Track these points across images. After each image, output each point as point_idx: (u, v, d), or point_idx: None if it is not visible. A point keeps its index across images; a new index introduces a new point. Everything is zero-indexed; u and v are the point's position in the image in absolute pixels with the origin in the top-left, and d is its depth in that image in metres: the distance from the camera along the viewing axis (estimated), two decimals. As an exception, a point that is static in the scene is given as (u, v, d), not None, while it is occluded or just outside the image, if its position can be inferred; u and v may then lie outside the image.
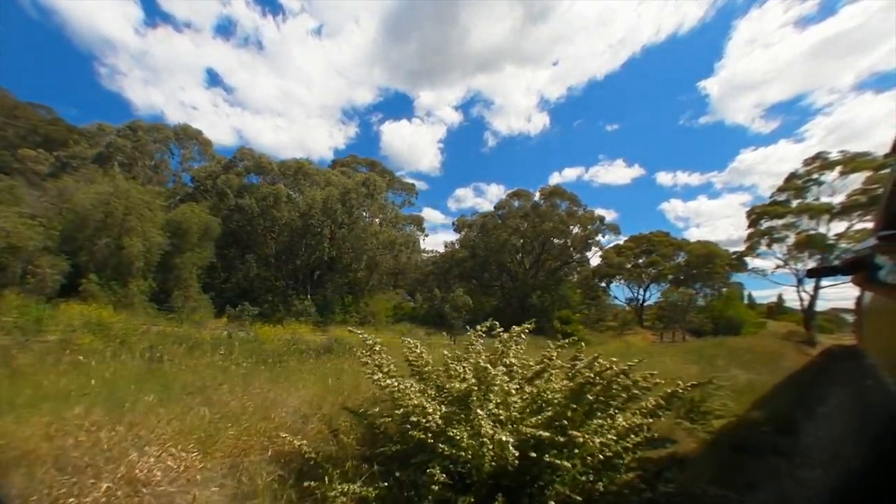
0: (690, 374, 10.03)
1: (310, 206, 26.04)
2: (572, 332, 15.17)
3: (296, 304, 26.88)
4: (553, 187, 39.81)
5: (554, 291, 38.92)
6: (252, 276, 28.07)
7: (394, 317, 43.87)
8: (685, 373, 10.02)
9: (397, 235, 28.23)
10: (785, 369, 15.74)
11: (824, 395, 11.38)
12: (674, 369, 10.26)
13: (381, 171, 46.25)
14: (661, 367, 10.54)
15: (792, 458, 6.42)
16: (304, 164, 30.50)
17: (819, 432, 7.30)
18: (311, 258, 27.82)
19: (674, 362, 11.65)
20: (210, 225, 23.22)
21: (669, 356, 12.63)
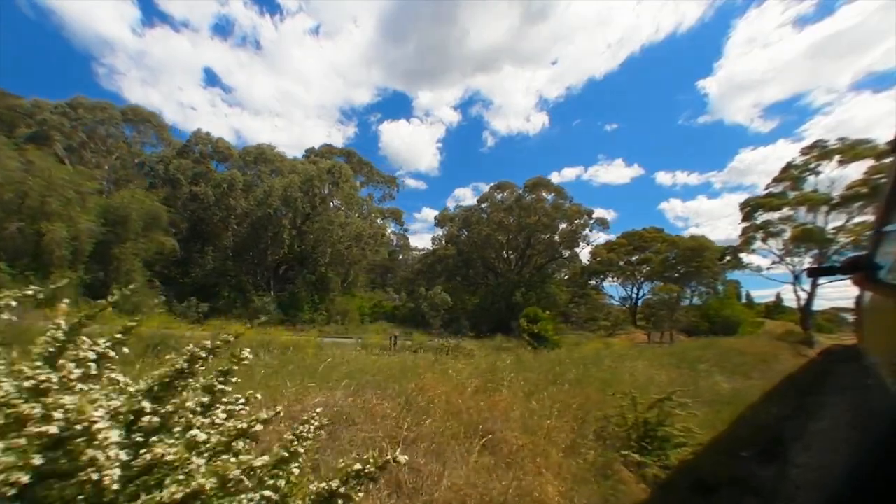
0: (661, 382, 8.63)
1: (267, 194, 24.42)
2: (540, 333, 13.78)
3: (254, 301, 25.26)
4: (538, 178, 38.45)
5: (539, 289, 37.55)
6: (209, 271, 26.43)
7: (371, 316, 42.49)
8: (656, 381, 8.63)
9: (365, 227, 26.64)
10: (778, 373, 14.41)
11: (820, 406, 9.92)
12: (644, 377, 8.89)
13: (359, 161, 44.59)
14: (631, 373, 9.14)
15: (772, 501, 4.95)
16: (265, 149, 28.80)
17: (810, 458, 5.96)
18: (276, 251, 26.21)
19: (648, 368, 10.26)
20: (157, 213, 21.56)
21: (646, 360, 11.24)
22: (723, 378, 11.61)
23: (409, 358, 8.06)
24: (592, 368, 8.91)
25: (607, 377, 8.11)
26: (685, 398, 8.17)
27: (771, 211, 27.54)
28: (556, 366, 8.01)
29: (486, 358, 9.45)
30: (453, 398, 4.55)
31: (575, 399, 5.84)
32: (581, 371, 7.98)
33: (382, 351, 10.64)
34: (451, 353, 9.71)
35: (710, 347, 16.23)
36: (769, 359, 15.72)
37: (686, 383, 9.05)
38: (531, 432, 4.30)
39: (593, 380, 7.37)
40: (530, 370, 7.30)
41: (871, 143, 23.77)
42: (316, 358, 6.50)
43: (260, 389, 3.72)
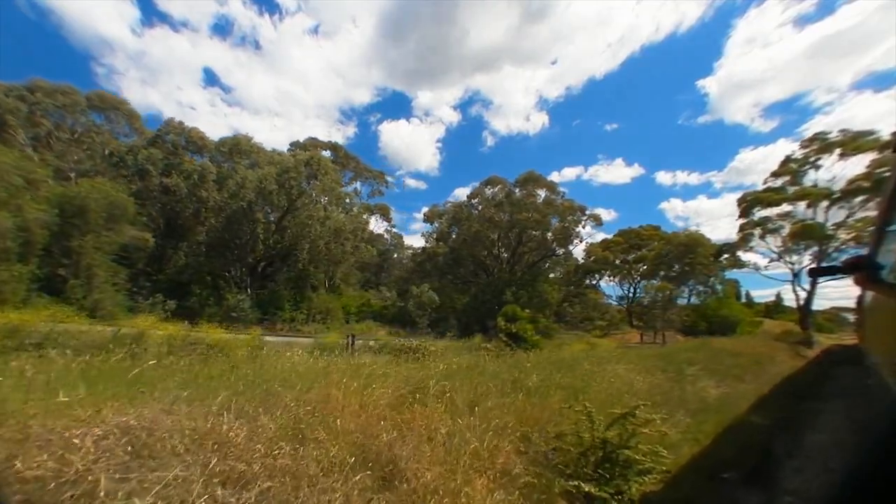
0: (640, 389, 7.82)
1: (240, 185, 23.43)
2: (517, 333, 12.97)
3: (228, 299, 24.32)
4: (529, 173, 37.55)
5: (531, 288, 36.71)
6: (181, 267, 25.41)
7: (358, 315, 41.63)
8: (635, 387, 7.82)
9: (345, 222, 25.63)
10: (773, 376, 13.65)
11: (817, 414, 9.16)
12: (623, 383, 8.09)
13: (345, 155, 43.68)
14: (609, 379, 8.32)
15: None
16: (241, 140, 27.73)
17: (804, 482, 5.17)
18: (254, 247, 25.23)
19: (629, 372, 9.45)
20: (123, 205, 20.55)
21: (630, 363, 10.42)
22: (712, 382, 10.84)
23: (353, 361, 7.18)
24: (566, 373, 8.09)
25: (578, 384, 7.30)
26: (667, 407, 7.40)
27: (769, 207, 26.83)
28: (520, 370, 7.16)
29: (446, 360, 8.61)
30: (359, 414, 3.68)
31: (529, 412, 5.02)
32: (548, 376, 7.14)
33: (340, 352, 9.79)
34: (413, 354, 8.89)
35: (701, 349, 15.47)
36: (764, 360, 14.98)
37: (669, 390, 8.26)
38: (453, 459, 3.44)
39: (560, 387, 6.54)
40: (487, 375, 6.45)
41: (873, 134, 23.09)
42: (229, 360, 5.65)
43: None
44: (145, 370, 4.00)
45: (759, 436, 6.82)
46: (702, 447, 6.18)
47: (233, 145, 27.45)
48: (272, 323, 29.66)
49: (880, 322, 3.57)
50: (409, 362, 8.42)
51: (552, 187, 38.09)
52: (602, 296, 53.54)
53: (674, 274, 44.38)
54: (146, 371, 4.00)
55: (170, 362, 5.13)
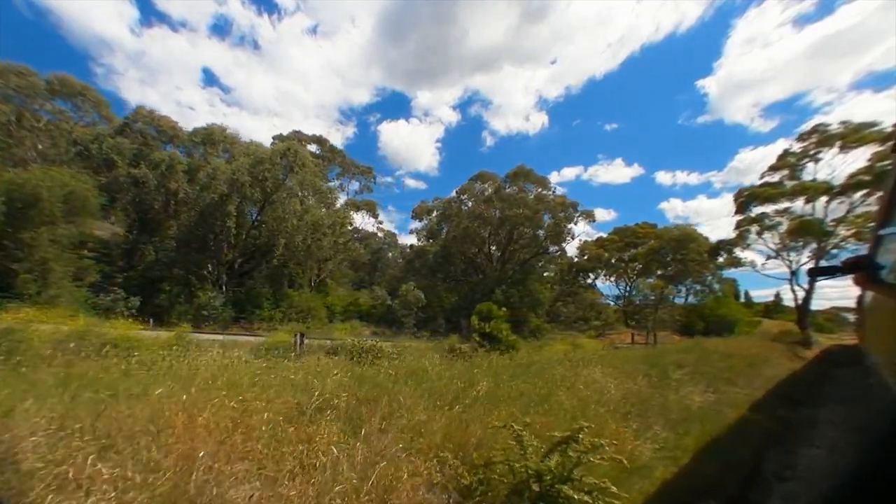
0: (614, 397, 6.99)
1: (211, 177, 22.39)
2: (491, 332, 12.12)
3: (199, 297, 23.35)
4: (519, 167, 36.70)
5: (522, 286, 35.88)
6: (151, 263, 24.39)
7: (344, 315, 40.75)
8: (607, 396, 6.99)
9: (322, 216, 24.62)
10: (768, 379, 12.82)
11: (813, 423, 8.27)
12: (595, 390, 7.26)
13: (331, 149, 42.63)
14: (580, 385, 7.50)
15: None
16: (215, 130, 26.63)
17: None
18: (229, 243, 24.20)
19: (607, 376, 8.62)
20: (83, 196, 19.48)
21: (610, 366, 9.59)
22: (700, 387, 10.04)
23: (288, 363, 6.32)
24: (531, 379, 7.25)
25: (542, 392, 6.46)
26: (644, 418, 6.57)
27: (766, 202, 26.07)
28: (472, 376, 6.32)
29: (398, 363, 7.76)
30: (198, 435, 2.80)
31: (460, 431, 4.15)
32: (505, 383, 6.30)
33: (286, 352, 8.91)
34: (366, 356, 8.04)
35: (692, 350, 14.67)
36: (759, 363, 14.21)
37: (649, 397, 7.42)
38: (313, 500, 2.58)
39: (513, 397, 5.70)
40: (428, 382, 5.60)
41: (876, 126, 22.33)
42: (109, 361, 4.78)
43: None
44: None
45: (746, 452, 6.02)
46: (679, 467, 5.35)
47: (206, 135, 26.33)
48: (249, 322, 28.73)
49: (880, 322, 3.55)
50: (362, 365, 7.58)
51: (544, 182, 37.27)
52: (598, 295, 52.93)
53: (670, 273, 43.73)
54: None
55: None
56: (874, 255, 3.52)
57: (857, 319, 14.80)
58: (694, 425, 6.85)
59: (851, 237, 23.35)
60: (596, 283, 51.38)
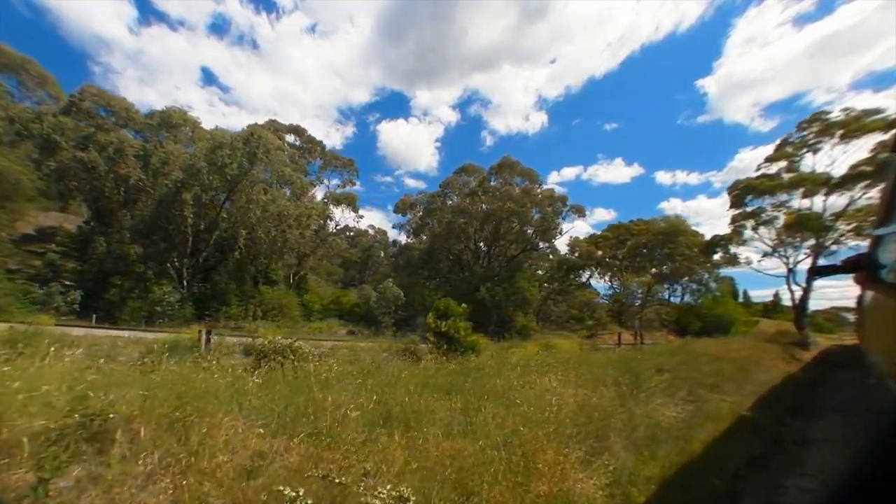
0: (568, 412, 5.88)
1: (163, 162, 20.99)
2: (447, 332, 10.98)
3: (154, 292, 22.05)
4: (504, 159, 35.55)
5: (508, 284, 34.78)
6: (101, 255, 22.95)
7: (322, 312, 39.60)
8: (557, 413, 5.88)
9: (289, 207, 23.29)
10: (759, 384, 11.74)
11: (807, 439, 7.26)
12: (545, 403, 6.15)
13: (309, 139, 41.22)
14: (530, 396, 6.40)
15: None
16: (173, 113, 25.05)
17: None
18: (189, 234, 22.83)
19: (568, 384, 7.53)
20: (14, 178, 18.00)
21: (576, 371, 8.47)
22: (681, 395, 8.98)
23: (157, 366, 5.15)
24: (470, 389, 6.14)
25: (472, 406, 5.35)
26: (601, 439, 5.48)
27: (763, 195, 25.10)
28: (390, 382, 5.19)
29: (320, 366, 6.62)
30: None
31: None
32: (417, 394, 5.18)
33: (186, 352, 7.72)
34: (276, 357, 6.90)
35: (677, 352, 13.65)
36: (750, 366, 13.19)
37: (611, 411, 6.30)
38: None
39: (426, 414, 4.58)
40: (310, 392, 4.46)
41: (880, 113, 21.37)
42: None
43: None
44: None
45: (722, 484, 4.96)
46: (636, 503, 4.32)
47: (163, 118, 24.77)
48: (215, 320, 27.47)
49: (880, 322, 3.64)
50: (260, 368, 6.42)
51: (531, 175, 36.09)
52: (594, 294, 52.07)
53: (666, 271, 42.85)
54: None
55: None
56: (874, 255, 3.57)
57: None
58: (663, 446, 5.78)
59: (851, 232, 22.46)
60: (590, 281, 50.57)
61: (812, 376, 14.56)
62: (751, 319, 42.98)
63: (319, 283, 54.80)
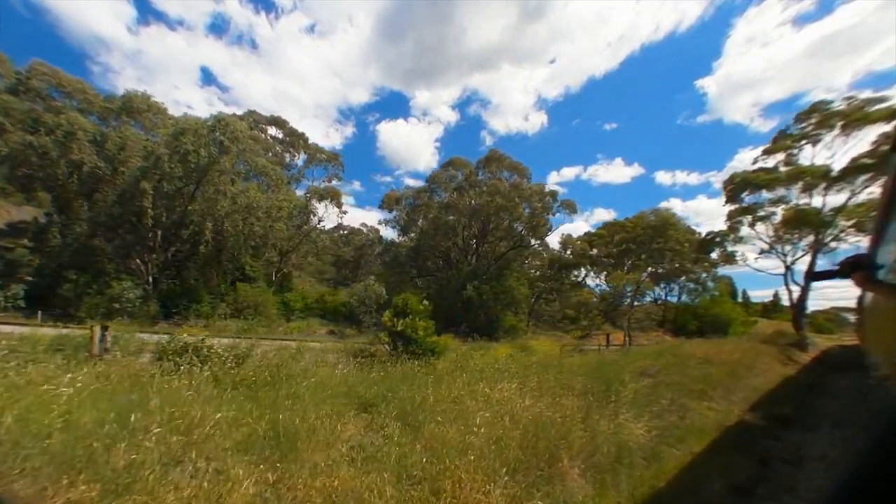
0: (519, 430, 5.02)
1: (119, 147, 19.84)
2: (403, 331, 10.08)
3: (113, 287, 20.99)
4: (491, 152, 34.74)
5: (496, 282, 33.90)
6: (56, 248, 21.77)
7: (305, 311, 38.61)
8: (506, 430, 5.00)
9: (258, 198, 22.24)
10: (752, 391, 10.97)
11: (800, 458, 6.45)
12: (495, 415, 5.30)
13: (291, 132, 40.08)
14: (476, 407, 5.54)
15: None
16: (134, 97, 23.76)
17: None
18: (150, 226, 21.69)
19: (528, 394, 6.68)
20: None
21: (543, 377, 7.59)
22: (662, 404, 8.16)
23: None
24: (394, 398, 5.26)
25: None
26: (549, 465, 4.61)
27: (760, 189, 24.34)
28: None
29: (232, 371, 5.72)
30: None
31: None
32: (327, 404, 4.29)
33: (77, 351, 6.77)
34: (179, 358, 5.99)
35: (664, 355, 12.83)
36: (742, 370, 12.42)
37: (570, 427, 5.44)
38: None
39: (333, 441, 3.70)
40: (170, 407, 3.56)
41: (884, 101, 20.61)
42: None
43: None
44: None
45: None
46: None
47: (124, 103, 23.48)
48: (184, 318, 26.45)
49: (880, 322, 3.69)
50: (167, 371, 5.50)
51: (520, 169, 35.18)
52: (590, 294, 51.38)
53: (660, 269, 42.17)
54: None
55: None
56: (874, 255, 3.66)
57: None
58: (628, 471, 4.93)
59: (852, 228, 21.75)
60: (586, 281, 49.87)
61: (809, 380, 13.83)
62: (749, 320, 42.57)
63: (308, 282, 53.89)
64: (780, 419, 8.22)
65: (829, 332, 50.63)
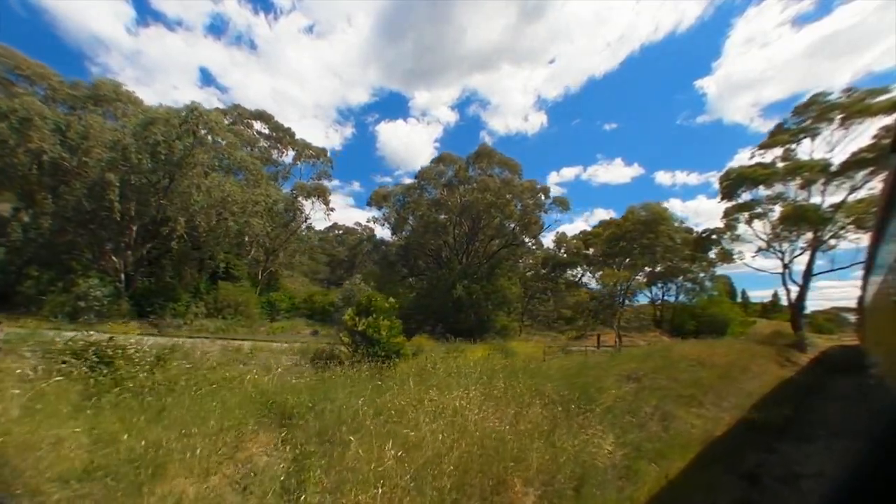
0: (466, 448, 4.34)
1: (82, 136, 18.93)
2: (365, 331, 9.37)
3: (79, 285, 20.14)
4: (481, 147, 34.03)
5: (486, 282, 33.20)
6: (20, 243, 20.86)
7: (290, 312, 37.91)
8: (444, 451, 4.32)
9: (234, 192, 21.32)
10: (744, 396, 10.54)
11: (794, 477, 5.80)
12: (447, 427, 4.62)
13: (276, 126, 39.21)
14: (419, 420, 4.87)
15: None
16: (102, 84, 22.75)
17: None
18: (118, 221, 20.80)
19: (488, 402, 6.01)
20: None
21: (504, 382, 6.89)
22: (646, 412, 7.53)
23: None
24: (324, 417, 4.56)
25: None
26: (506, 485, 3.97)
27: (757, 185, 23.76)
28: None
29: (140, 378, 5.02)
30: None
31: None
32: (217, 428, 3.59)
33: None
34: (79, 362, 5.29)
35: (652, 357, 12.20)
36: (735, 372, 11.82)
37: (525, 445, 4.76)
38: None
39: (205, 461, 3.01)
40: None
41: (886, 92, 20.02)
42: None
43: None
44: None
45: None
46: None
47: (92, 92, 22.46)
48: (160, 317, 25.64)
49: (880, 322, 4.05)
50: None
51: (512, 165, 34.47)
52: (588, 294, 50.89)
53: (656, 267, 41.63)
54: None
55: None
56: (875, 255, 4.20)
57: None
58: (594, 497, 4.25)
59: (852, 224, 21.22)
60: (583, 280, 49.32)
61: (807, 382, 13.27)
62: (748, 320, 42.19)
63: (301, 282, 53.11)
64: (774, 428, 7.61)
65: (830, 333, 50.38)
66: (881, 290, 6.89)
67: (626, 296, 38.29)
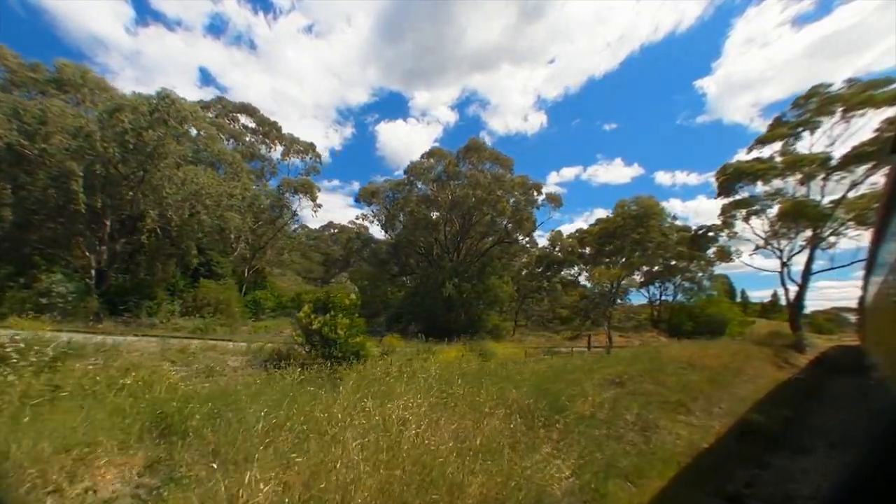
0: (382, 477, 3.67)
1: (40, 122, 18.01)
2: (319, 329, 8.65)
3: (41, 281, 19.35)
4: (470, 141, 33.13)
5: (477, 280, 32.51)
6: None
7: (276, 310, 37.18)
8: (376, 479, 3.65)
9: (208, 184, 20.45)
10: (737, 401, 9.91)
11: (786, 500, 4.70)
12: (382, 449, 3.91)
13: (261, 120, 38.29)
14: (345, 435, 4.18)
15: None
16: (66, 68, 21.65)
17: None
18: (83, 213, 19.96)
19: (447, 408, 5.32)
20: None
21: (465, 388, 6.20)
22: (627, 420, 6.86)
23: None
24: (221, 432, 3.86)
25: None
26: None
27: (755, 180, 23.15)
28: None
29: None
30: None
31: None
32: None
33: None
34: None
35: (639, 359, 11.53)
36: (728, 376, 11.17)
37: (471, 466, 4.07)
38: None
39: None
40: None
41: (890, 83, 19.40)
42: None
43: None
44: None
45: None
46: None
47: (56, 77, 21.48)
48: (135, 315, 24.85)
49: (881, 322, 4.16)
50: None
51: (504, 160, 33.72)
52: (579, 292, 50.40)
53: (658, 269, 41.12)
54: None
55: None
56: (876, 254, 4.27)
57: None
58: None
59: (852, 221, 20.64)
60: (579, 279, 48.81)
61: (805, 385, 12.68)
62: (746, 320, 41.77)
63: (294, 280, 52.37)
64: (766, 439, 6.97)
65: (829, 333, 50.17)
66: (882, 289, 6.63)
67: (618, 295, 37.63)
